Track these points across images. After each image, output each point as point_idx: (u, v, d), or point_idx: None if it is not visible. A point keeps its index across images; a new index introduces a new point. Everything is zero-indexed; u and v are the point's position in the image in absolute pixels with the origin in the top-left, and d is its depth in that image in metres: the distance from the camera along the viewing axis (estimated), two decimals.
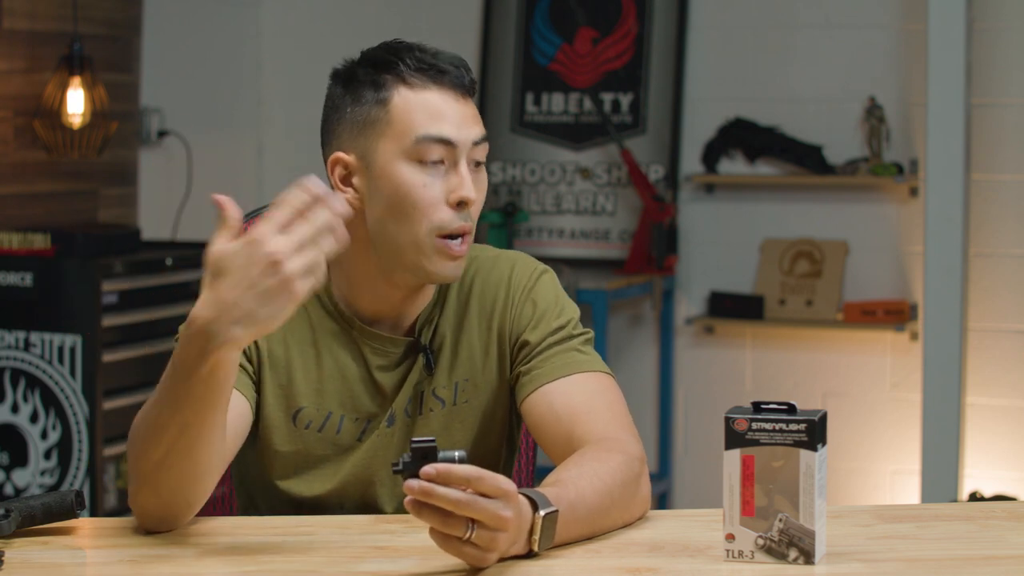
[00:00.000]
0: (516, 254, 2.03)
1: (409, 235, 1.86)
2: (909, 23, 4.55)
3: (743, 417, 1.60)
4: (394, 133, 1.86)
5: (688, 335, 4.85)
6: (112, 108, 4.49)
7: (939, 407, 4.32)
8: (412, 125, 1.85)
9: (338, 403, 1.95)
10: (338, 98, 1.91)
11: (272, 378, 1.93)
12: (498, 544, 1.55)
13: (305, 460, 1.95)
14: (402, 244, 1.87)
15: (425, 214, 1.85)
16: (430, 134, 1.85)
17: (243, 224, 2.22)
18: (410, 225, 1.86)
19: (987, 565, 1.63)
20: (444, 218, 1.85)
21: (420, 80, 1.86)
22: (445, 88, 1.87)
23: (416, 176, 1.85)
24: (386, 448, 1.96)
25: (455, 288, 1.98)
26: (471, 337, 1.97)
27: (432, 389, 1.96)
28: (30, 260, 4.01)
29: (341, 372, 1.95)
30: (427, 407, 1.96)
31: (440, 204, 1.86)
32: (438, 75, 1.86)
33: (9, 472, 4.09)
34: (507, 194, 4.96)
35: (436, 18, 5.09)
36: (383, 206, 1.87)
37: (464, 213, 1.87)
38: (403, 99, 1.86)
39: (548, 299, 1.97)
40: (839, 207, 4.68)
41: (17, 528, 1.73)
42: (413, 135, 1.85)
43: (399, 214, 1.86)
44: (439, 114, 1.85)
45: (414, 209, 1.85)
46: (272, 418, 1.94)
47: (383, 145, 1.86)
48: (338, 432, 1.95)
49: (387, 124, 1.86)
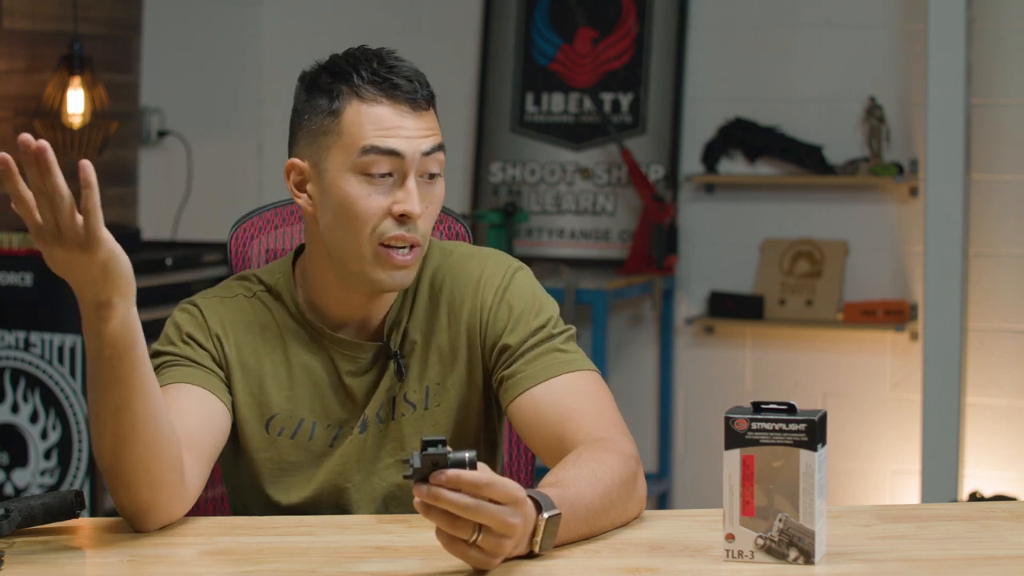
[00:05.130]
0: (489, 252, 2.02)
1: (353, 244, 1.88)
2: (909, 23, 4.55)
3: (743, 417, 1.60)
4: (343, 145, 1.87)
5: (688, 335, 4.85)
6: (112, 108, 4.49)
7: (939, 407, 4.32)
8: (360, 137, 1.86)
9: (309, 410, 1.96)
10: (300, 103, 1.94)
11: (244, 386, 1.94)
12: (504, 549, 1.55)
13: (280, 467, 1.96)
14: (348, 252, 1.89)
15: (367, 224, 1.87)
16: (376, 146, 1.86)
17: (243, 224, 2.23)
18: (353, 234, 1.87)
19: (987, 565, 1.63)
20: (384, 227, 1.87)
21: (372, 92, 1.87)
22: (398, 101, 1.87)
23: (361, 188, 1.87)
24: (359, 454, 1.96)
25: (425, 289, 1.99)
26: (440, 339, 1.97)
27: (403, 394, 1.96)
28: (30, 260, 4.01)
29: (311, 379, 1.95)
30: (399, 412, 1.96)
31: (383, 216, 1.87)
32: (391, 88, 1.87)
33: (9, 472, 4.09)
34: (507, 194, 4.96)
35: (436, 18, 5.09)
36: (331, 215, 1.89)
37: (408, 226, 1.87)
38: (355, 111, 1.87)
39: (524, 299, 1.97)
40: (839, 207, 4.68)
41: (17, 528, 1.73)
42: (360, 147, 1.86)
43: (344, 223, 1.88)
44: (388, 127, 1.86)
45: (356, 219, 1.87)
46: (247, 425, 1.95)
47: (333, 156, 1.88)
48: (311, 439, 1.96)
49: (337, 136, 1.88)
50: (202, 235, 4.76)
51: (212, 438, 1.86)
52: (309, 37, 5.15)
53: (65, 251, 1.57)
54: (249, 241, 2.22)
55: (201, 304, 1.97)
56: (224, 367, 1.94)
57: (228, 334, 1.95)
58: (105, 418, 1.68)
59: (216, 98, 5.13)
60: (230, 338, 1.95)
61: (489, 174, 4.98)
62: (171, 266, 4.29)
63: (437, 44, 5.02)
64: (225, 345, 1.94)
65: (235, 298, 1.98)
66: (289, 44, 5.19)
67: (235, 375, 1.94)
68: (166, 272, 4.28)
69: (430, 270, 1.99)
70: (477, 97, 5.03)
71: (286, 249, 2.22)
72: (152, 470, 1.71)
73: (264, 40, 5.21)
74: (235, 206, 4.30)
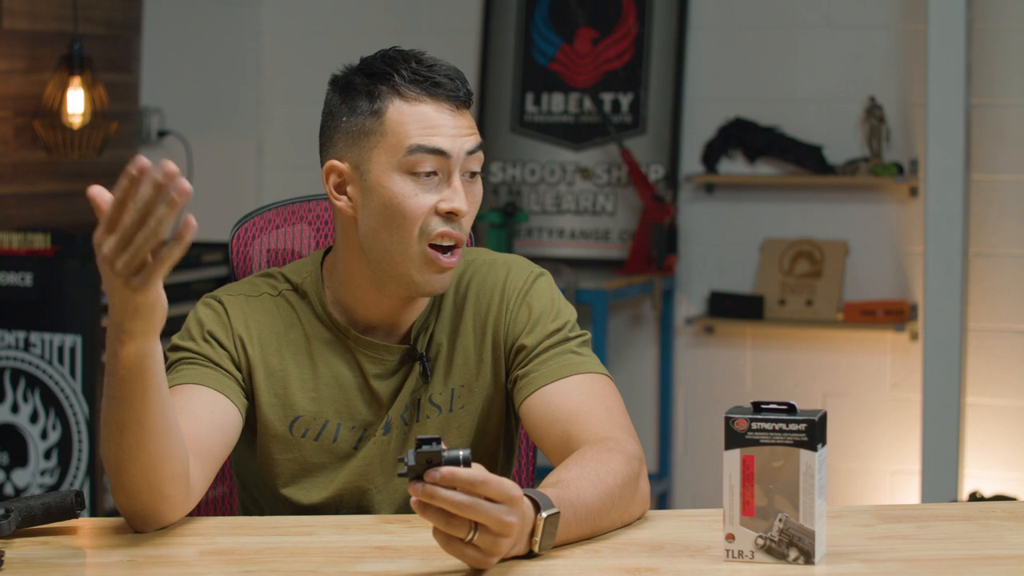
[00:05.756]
0: (512, 258, 2.03)
1: (399, 244, 1.87)
2: (909, 23, 4.55)
3: (743, 417, 1.60)
4: (387, 144, 1.87)
5: (688, 335, 4.85)
6: (112, 108, 4.49)
7: (939, 407, 4.32)
8: (405, 137, 1.86)
9: (334, 411, 1.95)
10: (335, 106, 1.92)
11: (268, 387, 1.94)
12: (500, 548, 1.55)
13: (303, 468, 1.96)
14: (392, 254, 1.88)
15: (415, 223, 1.87)
16: (422, 145, 1.86)
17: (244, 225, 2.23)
18: (400, 234, 1.87)
19: (987, 565, 1.63)
20: (432, 226, 1.87)
21: (415, 92, 1.87)
22: (440, 100, 1.87)
23: (408, 187, 1.87)
24: (383, 456, 1.96)
25: (451, 293, 1.99)
26: (466, 342, 1.98)
27: (428, 396, 1.96)
28: (30, 260, 4.01)
29: (337, 381, 1.95)
30: (423, 414, 1.97)
31: (431, 214, 1.87)
32: (433, 87, 1.87)
33: (9, 472, 4.09)
34: (507, 194, 4.96)
35: (436, 18, 5.09)
36: (375, 216, 1.88)
37: (454, 224, 1.88)
38: (397, 110, 1.87)
39: (544, 302, 1.97)
40: (839, 207, 4.68)
41: (17, 528, 1.73)
42: (406, 146, 1.86)
43: (390, 224, 1.87)
44: (432, 126, 1.86)
45: (404, 219, 1.86)
46: (270, 427, 1.95)
47: (377, 156, 1.88)
48: (335, 440, 1.95)
49: (381, 135, 1.87)
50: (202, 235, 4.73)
51: (221, 442, 1.85)
52: (309, 37, 5.15)
53: (114, 273, 1.55)
54: (250, 241, 2.22)
55: (226, 301, 1.95)
56: (245, 369, 1.93)
57: (252, 335, 1.94)
58: (112, 429, 1.68)
59: (216, 98, 5.13)
60: (254, 339, 1.94)
61: (489, 174, 4.98)
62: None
63: (437, 44, 5.01)
64: (248, 347, 1.93)
65: (260, 297, 1.97)
66: (289, 44, 5.19)
67: (258, 376, 1.93)
68: None
69: (456, 276, 2.00)
70: (477, 97, 5.03)
71: (287, 249, 2.22)
72: (154, 482, 1.71)
73: (264, 40, 5.21)
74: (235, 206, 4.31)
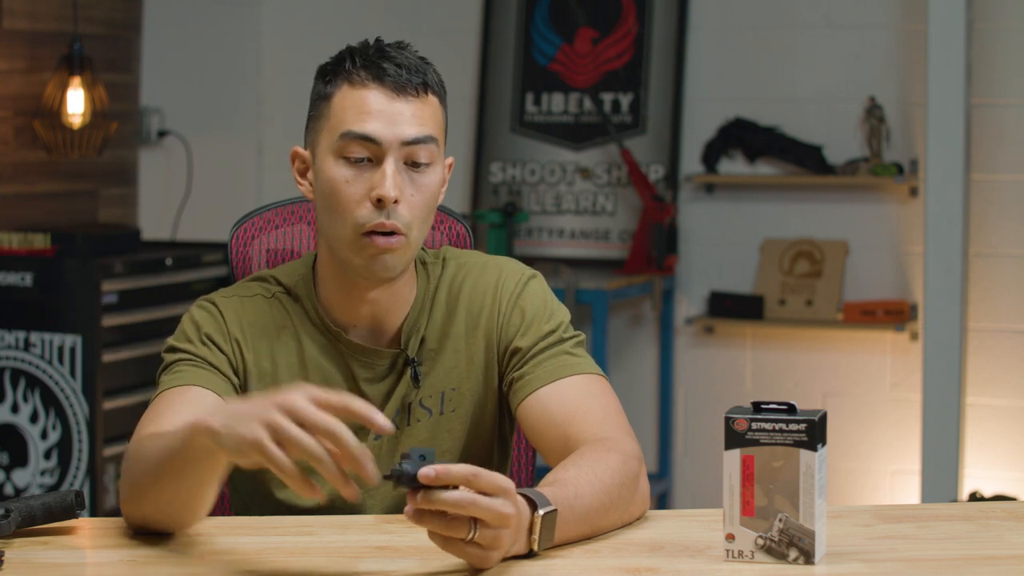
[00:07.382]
0: (504, 260, 2.02)
1: (340, 230, 1.87)
2: (909, 23, 4.55)
3: (743, 417, 1.60)
4: (328, 128, 1.88)
5: (688, 335, 4.85)
6: (112, 108, 4.49)
7: (939, 407, 4.32)
8: (341, 122, 1.86)
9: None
10: (311, 92, 1.93)
11: (260, 390, 1.93)
12: (502, 542, 1.55)
13: None
14: (336, 239, 1.89)
15: (347, 209, 1.86)
16: (352, 131, 1.85)
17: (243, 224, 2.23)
18: (339, 221, 1.87)
19: (987, 565, 1.63)
20: (364, 214, 1.85)
21: (360, 77, 1.87)
22: (386, 87, 1.86)
23: (342, 172, 1.86)
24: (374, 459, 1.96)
25: (443, 296, 1.99)
26: (457, 345, 1.97)
27: (419, 400, 1.96)
28: (30, 260, 4.01)
29: (327, 384, 1.94)
30: (414, 418, 1.96)
31: (363, 201, 1.85)
32: (379, 73, 1.86)
33: (9, 472, 4.09)
34: (507, 194, 4.96)
35: (436, 18, 5.09)
36: (320, 201, 1.90)
37: (387, 211, 1.85)
38: (342, 96, 1.87)
39: (536, 304, 1.97)
40: (839, 207, 4.68)
41: (17, 528, 1.73)
42: (340, 131, 1.86)
43: (329, 208, 1.88)
44: (368, 112, 1.85)
45: (338, 203, 1.86)
46: None
47: (321, 140, 1.89)
48: None
49: (326, 120, 1.89)
50: (202, 235, 4.76)
51: None
52: (309, 37, 5.15)
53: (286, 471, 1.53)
54: (249, 241, 2.22)
55: (220, 304, 1.95)
56: (241, 372, 1.92)
57: (247, 337, 1.93)
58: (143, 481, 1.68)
59: (216, 98, 5.13)
60: (248, 342, 1.93)
61: (489, 174, 4.98)
62: (171, 266, 4.29)
63: (437, 44, 5.01)
64: (244, 350, 1.93)
65: (254, 298, 1.97)
66: (289, 44, 5.19)
67: (252, 380, 1.93)
68: (166, 272, 4.27)
69: (447, 278, 1.99)
70: (477, 97, 5.03)
71: (287, 249, 2.21)
72: (167, 527, 1.73)
73: (264, 40, 5.21)
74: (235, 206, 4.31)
